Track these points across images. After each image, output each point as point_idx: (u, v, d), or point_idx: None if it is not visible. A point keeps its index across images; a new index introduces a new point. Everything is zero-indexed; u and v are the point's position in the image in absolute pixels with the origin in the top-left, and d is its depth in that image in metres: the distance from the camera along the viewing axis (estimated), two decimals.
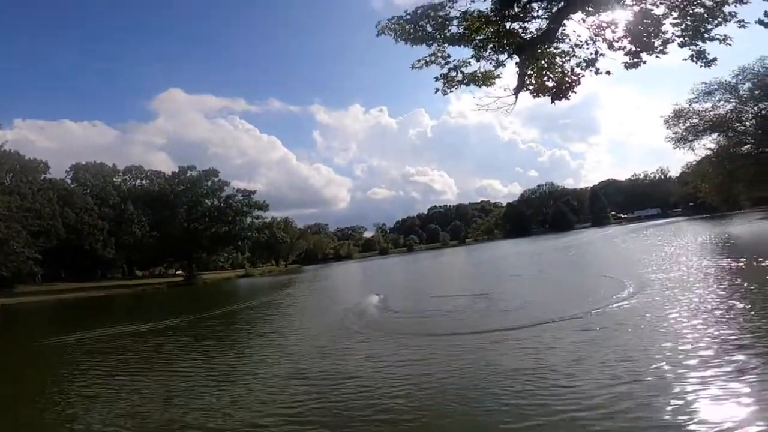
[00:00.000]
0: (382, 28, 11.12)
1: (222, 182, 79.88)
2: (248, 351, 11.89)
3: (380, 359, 8.60)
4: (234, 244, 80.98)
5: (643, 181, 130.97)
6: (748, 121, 38.65)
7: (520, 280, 20.92)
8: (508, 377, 6.47)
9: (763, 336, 6.88)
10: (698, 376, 5.49)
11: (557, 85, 11.29)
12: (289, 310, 21.33)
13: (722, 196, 54.19)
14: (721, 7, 7.41)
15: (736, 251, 18.78)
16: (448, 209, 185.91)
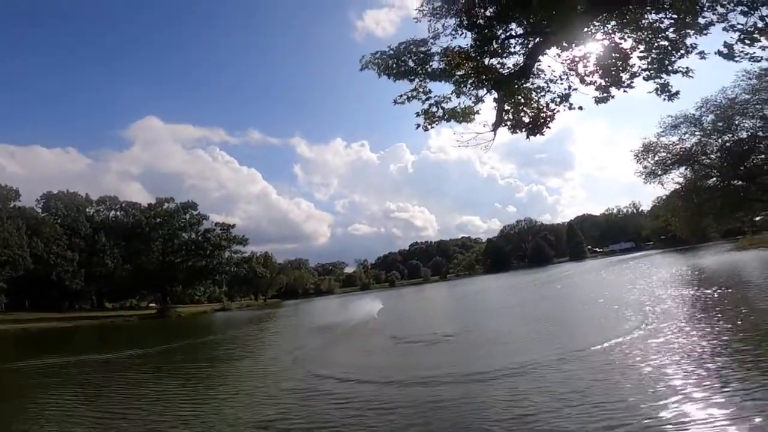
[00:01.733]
0: (366, 62, 11.60)
1: (200, 216, 79.07)
2: (198, 388, 11.11)
3: (350, 407, 7.47)
4: (211, 278, 79.13)
5: (616, 215, 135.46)
6: (713, 153, 40.39)
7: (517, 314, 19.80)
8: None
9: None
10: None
11: (533, 121, 11.87)
12: (252, 347, 20.17)
13: (692, 229, 56.29)
14: (683, 39, 8.06)
15: (709, 283, 19.35)
16: (429, 245, 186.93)
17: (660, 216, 59.54)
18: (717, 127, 39.01)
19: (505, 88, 11.60)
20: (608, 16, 8.41)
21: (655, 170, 42.66)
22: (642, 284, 23.09)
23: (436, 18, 10.58)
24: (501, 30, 10.06)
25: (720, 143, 39.52)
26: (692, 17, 7.70)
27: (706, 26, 7.90)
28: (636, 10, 8.01)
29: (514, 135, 12.27)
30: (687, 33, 8.02)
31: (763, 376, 5.99)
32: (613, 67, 9.14)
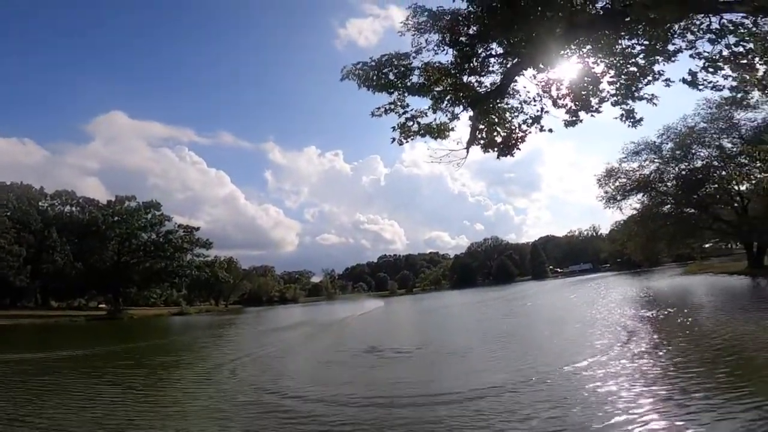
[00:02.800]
0: (347, 72, 11.69)
1: (163, 216, 76.12)
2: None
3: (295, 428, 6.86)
4: (169, 281, 75.93)
5: (578, 237, 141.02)
6: (669, 181, 42.65)
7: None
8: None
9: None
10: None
11: (505, 141, 12.29)
12: (202, 353, 19.00)
13: (646, 253, 59.36)
14: (652, 65, 8.63)
15: (661, 304, 20.34)
16: (397, 258, 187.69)
17: (617, 240, 62.48)
18: (675, 155, 41.30)
19: (480, 106, 11.99)
20: (584, 41, 8.91)
21: (615, 195, 44.81)
22: (601, 304, 24.04)
23: (420, 32, 10.85)
24: (481, 48, 10.44)
25: (677, 171, 41.92)
26: (663, 44, 8.28)
27: (674, 53, 8.51)
28: (611, 35, 8.54)
29: (486, 153, 12.75)
30: (656, 59, 8.61)
31: (715, 395, 6.26)
32: (584, 91, 9.67)
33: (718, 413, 5.44)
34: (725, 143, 39.08)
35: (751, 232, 38.72)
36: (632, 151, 42.66)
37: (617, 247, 67.06)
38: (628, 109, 9.47)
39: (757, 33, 7.79)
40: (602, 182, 44.89)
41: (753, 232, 38.61)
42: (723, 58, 7.90)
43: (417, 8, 10.23)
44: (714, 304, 18.87)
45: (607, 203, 45.37)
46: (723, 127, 38.26)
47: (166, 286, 79.45)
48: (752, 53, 7.84)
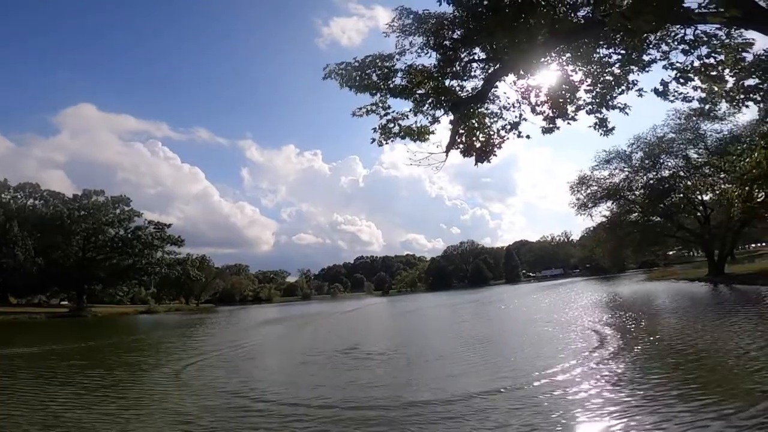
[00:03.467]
0: (330, 71, 11.66)
1: (133, 212, 73.67)
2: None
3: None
4: (137, 279, 73.42)
5: (550, 243, 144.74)
6: (637, 189, 44.29)
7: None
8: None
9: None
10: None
11: (483, 146, 12.51)
12: (164, 353, 18.01)
13: (613, 259, 61.69)
14: (626, 75, 8.99)
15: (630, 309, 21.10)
16: (374, 260, 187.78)
17: (587, 246, 64.54)
18: (644, 164, 42.84)
19: (461, 110, 12.17)
20: (565, 48, 9.18)
21: (587, 203, 46.22)
22: (572, 308, 24.71)
23: (405, 35, 10.95)
24: (465, 53, 10.62)
25: (645, 180, 43.51)
26: (638, 54, 8.62)
27: (648, 63, 8.88)
28: (590, 44, 8.83)
29: (465, 158, 12.93)
30: (631, 69, 8.96)
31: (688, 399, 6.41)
32: (561, 99, 9.98)
33: (685, 421, 5.53)
34: (692, 154, 40.76)
35: (713, 240, 40.72)
36: (604, 160, 43.97)
37: (587, 252, 69.40)
38: (602, 117, 9.84)
39: (728, 44, 8.24)
40: (575, 189, 46.24)
41: (714, 241, 40.61)
42: (694, 69, 8.33)
43: (403, 10, 10.32)
44: (677, 309, 19.66)
45: (579, 210, 46.80)
46: (690, 137, 39.81)
47: (134, 283, 76.93)
48: (722, 65, 8.30)
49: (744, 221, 37.40)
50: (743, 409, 5.67)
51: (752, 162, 11.19)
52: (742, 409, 5.65)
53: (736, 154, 14.49)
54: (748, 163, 11.52)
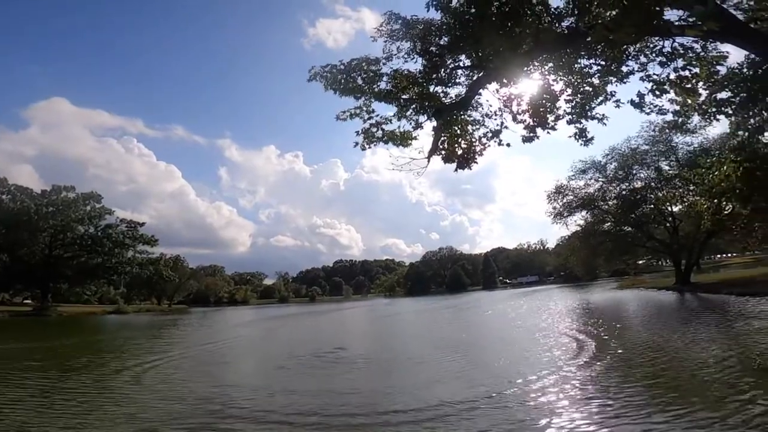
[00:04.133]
0: (315, 74, 11.62)
1: (104, 209, 71.21)
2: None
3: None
4: (106, 278, 70.93)
5: (526, 250, 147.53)
6: (611, 200, 45.55)
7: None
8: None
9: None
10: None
11: (464, 153, 12.69)
12: (128, 356, 16.79)
13: (586, 268, 63.32)
14: (605, 85, 9.29)
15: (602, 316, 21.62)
16: (353, 264, 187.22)
17: (562, 254, 65.97)
18: (617, 175, 44.10)
19: (445, 116, 12.32)
20: (547, 58, 9.42)
21: (562, 212, 47.20)
22: (548, 314, 25.23)
23: (392, 40, 11.02)
24: (450, 59, 10.78)
25: (618, 191, 44.83)
26: (617, 65, 8.93)
27: (627, 75, 9.20)
28: (572, 54, 9.10)
29: (446, 165, 13.06)
30: (609, 80, 9.27)
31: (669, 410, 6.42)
32: (542, 108, 10.23)
33: (658, 429, 5.64)
34: (663, 166, 42.22)
35: (681, 250, 42.31)
36: (580, 170, 45.09)
37: (561, 260, 71.01)
38: (581, 127, 10.13)
39: (703, 57, 8.65)
40: (551, 198, 47.20)
41: (682, 251, 42.21)
42: (670, 82, 8.70)
43: (392, 15, 10.40)
44: (646, 317, 20.32)
45: (555, 219, 47.71)
46: (662, 149, 41.21)
47: (102, 283, 74.27)
48: (697, 77, 8.70)
49: (711, 233, 39.02)
50: (714, 416, 5.83)
51: (721, 175, 11.71)
52: (713, 417, 5.81)
53: (705, 167, 15.14)
54: (717, 177, 12.06)
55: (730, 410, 6.00)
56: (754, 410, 5.93)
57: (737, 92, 9.34)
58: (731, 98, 9.44)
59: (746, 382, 7.32)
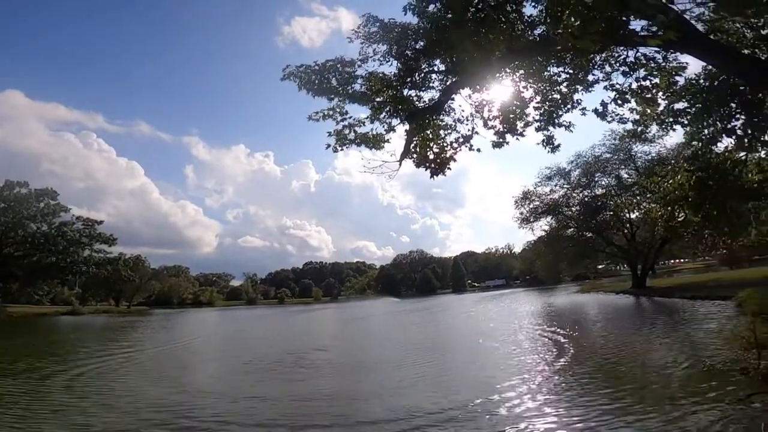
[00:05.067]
0: (289, 73, 11.50)
1: (59, 206, 67.51)
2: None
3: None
4: (60, 278, 67.22)
5: (494, 254, 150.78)
6: (574, 206, 47.24)
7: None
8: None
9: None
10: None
11: (436, 158, 12.88)
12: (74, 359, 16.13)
13: (550, 272, 65.44)
14: (572, 93, 9.68)
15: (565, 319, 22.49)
16: (323, 266, 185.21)
17: (527, 258, 67.86)
18: (581, 182, 45.86)
19: (417, 120, 12.45)
20: (519, 65, 9.73)
21: (529, 217, 48.53)
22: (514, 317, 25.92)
23: (369, 42, 11.05)
24: (425, 64, 10.94)
25: (581, 197, 46.61)
26: (584, 74, 9.34)
27: (592, 83, 9.62)
28: (542, 61, 9.44)
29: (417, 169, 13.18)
30: (576, 88, 9.68)
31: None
32: (512, 114, 10.55)
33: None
34: (623, 174, 44.22)
35: (637, 256, 44.47)
36: (546, 176, 46.61)
37: (527, 265, 73.11)
38: (549, 135, 10.53)
39: (664, 68, 9.17)
40: (519, 204, 48.49)
41: (638, 256, 44.38)
42: (631, 91, 9.19)
43: (370, 18, 10.44)
44: (606, 321, 20.90)
45: (522, 224, 48.99)
46: (623, 158, 43.18)
47: (56, 283, 70.28)
48: (657, 87, 9.22)
49: (665, 239, 41.22)
50: (670, 417, 6.08)
51: (675, 184, 12.45)
52: (670, 418, 6.06)
53: (661, 175, 16.02)
54: (671, 185, 12.80)
55: (685, 411, 6.27)
56: (705, 410, 6.21)
57: (693, 103, 9.96)
58: (687, 109, 10.07)
59: (697, 383, 7.70)
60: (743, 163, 11.42)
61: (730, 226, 13.12)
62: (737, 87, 9.70)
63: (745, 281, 25.76)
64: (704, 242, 38.09)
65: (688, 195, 12.07)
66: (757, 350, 7.79)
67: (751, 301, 9.34)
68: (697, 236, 36.32)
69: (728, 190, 11.29)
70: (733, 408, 6.10)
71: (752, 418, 5.69)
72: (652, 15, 5.44)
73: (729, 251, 44.20)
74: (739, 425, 5.55)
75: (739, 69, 7.77)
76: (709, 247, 41.52)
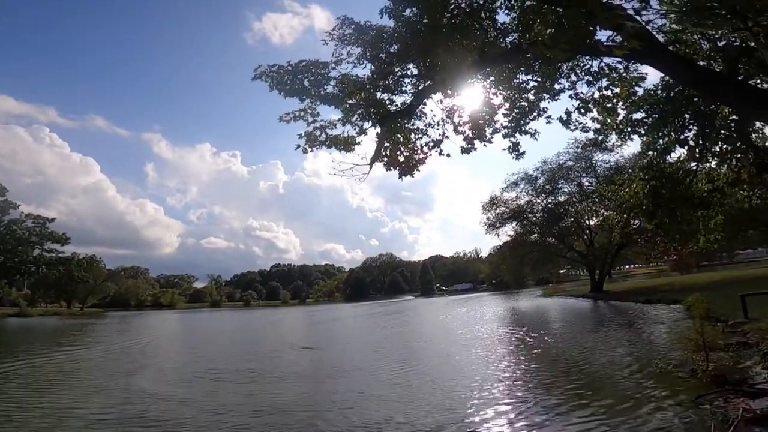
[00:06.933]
0: (261, 73, 11.29)
1: (7, 203, 63.36)
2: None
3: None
4: (8, 278, 62.96)
5: (462, 258, 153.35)
6: (538, 212, 48.77)
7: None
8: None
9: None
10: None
11: (406, 161, 13.01)
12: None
13: (515, 276, 67.29)
14: (539, 102, 10.02)
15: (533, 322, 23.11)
16: (291, 268, 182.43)
17: (493, 262, 69.37)
18: (545, 188, 47.43)
19: (389, 124, 12.51)
20: (490, 72, 9.97)
21: (495, 222, 49.68)
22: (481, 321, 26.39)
23: (343, 44, 11.02)
24: (398, 67, 11.03)
25: (544, 204, 48.20)
26: (551, 83, 9.68)
27: (558, 92, 9.98)
28: (512, 69, 9.71)
29: (388, 172, 13.23)
30: (543, 96, 10.02)
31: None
32: (481, 120, 10.81)
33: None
34: (584, 181, 46.21)
35: (595, 261, 46.51)
36: (512, 182, 47.96)
37: (493, 269, 74.78)
38: (515, 141, 10.88)
39: (624, 78, 9.65)
40: (486, 209, 49.64)
41: (596, 261, 46.43)
42: (593, 101, 9.63)
43: (345, 20, 10.42)
44: (566, 325, 21.61)
45: (488, 229, 50.13)
46: (584, 166, 45.11)
47: (3, 283, 65.71)
48: (617, 97, 9.69)
49: (621, 245, 43.38)
50: (624, 418, 6.32)
51: (630, 192, 13.12)
52: (624, 418, 6.30)
53: (618, 183, 16.84)
54: (627, 193, 13.50)
55: (637, 412, 6.51)
56: (656, 411, 6.50)
57: (650, 113, 10.55)
58: (645, 119, 10.66)
59: (649, 385, 8.05)
60: (694, 173, 12.19)
61: (681, 233, 13.95)
62: (691, 98, 10.34)
63: (694, 286, 27.50)
64: (656, 248, 40.49)
65: (643, 203, 12.72)
66: (705, 353, 8.24)
67: (698, 305, 9.93)
68: (650, 242, 38.58)
69: (679, 198, 11.99)
70: (684, 410, 6.38)
71: (701, 418, 5.95)
72: (619, 25, 5.72)
73: (679, 257, 47.08)
74: (689, 426, 5.79)
75: (695, 80, 8.24)
76: (661, 252, 44.10)
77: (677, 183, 11.92)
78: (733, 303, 14.52)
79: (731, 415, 5.65)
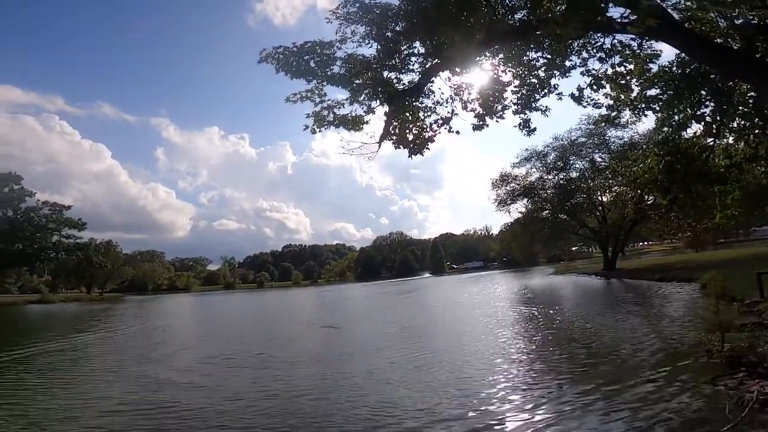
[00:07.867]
0: (267, 55, 11.12)
1: (24, 191, 64.63)
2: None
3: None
4: (28, 265, 64.80)
5: (472, 236, 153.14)
6: (549, 189, 48.16)
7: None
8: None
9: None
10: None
11: (415, 138, 12.82)
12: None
13: (526, 253, 66.97)
14: (549, 78, 9.72)
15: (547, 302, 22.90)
16: (303, 249, 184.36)
17: (504, 240, 69.17)
18: (556, 165, 46.65)
19: (397, 102, 12.31)
20: (498, 49, 9.67)
21: (506, 199, 49.26)
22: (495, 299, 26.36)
23: (348, 23, 10.74)
24: (405, 46, 10.75)
25: (556, 180, 47.48)
26: (561, 59, 9.36)
27: (569, 69, 9.66)
28: (521, 46, 9.40)
29: (396, 150, 13.11)
30: (553, 73, 9.71)
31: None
32: (490, 98, 10.55)
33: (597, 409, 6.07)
34: (597, 157, 45.32)
35: (608, 238, 45.98)
36: (523, 158, 47.21)
37: (504, 246, 74.58)
38: (526, 118, 10.62)
39: (638, 55, 9.29)
40: (496, 185, 49.12)
41: (609, 238, 45.89)
42: (606, 77, 9.30)
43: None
44: (581, 304, 20.87)
45: (499, 206, 49.78)
46: (597, 142, 44.15)
47: (24, 270, 67.67)
48: (631, 74, 9.34)
49: (634, 221, 42.75)
50: (641, 399, 6.24)
51: (645, 167, 12.82)
52: (640, 399, 6.21)
53: (632, 159, 16.48)
54: (641, 168, 13.19)
55: (653, 393, 6.44)
56: (672, 393, 6.41)
57: (665, 90, 10.20)
58: (659, 95, 10.32)
59: (665, 365, 7.91)
60: (711, 148, 11.83)
61: (696, 209, 13.65)
62: (708, 75, 9.95)
63: (709, 264, 27.06)
64: (670, 224, 39.85)
65: (657, 178, 12.45)
66: (720, 333, 8.12)
67: (714, 284, 9.77)
68: (664, 218, 37.97)
69: (695, 174, 11.69)
70: (699, 391, 6.33)
71: (716, 400, 5.88)
72: (634, 2, 5.45)
73: (694, 234, 46.28)
74: (704, 408, 5.73)
75: (711, 57, 7.93)
76: (675, 229, 43.45)
77: (693, 158, 11.61)
78: (749, 281, 14.16)
79: (746, 396, 5.59)
